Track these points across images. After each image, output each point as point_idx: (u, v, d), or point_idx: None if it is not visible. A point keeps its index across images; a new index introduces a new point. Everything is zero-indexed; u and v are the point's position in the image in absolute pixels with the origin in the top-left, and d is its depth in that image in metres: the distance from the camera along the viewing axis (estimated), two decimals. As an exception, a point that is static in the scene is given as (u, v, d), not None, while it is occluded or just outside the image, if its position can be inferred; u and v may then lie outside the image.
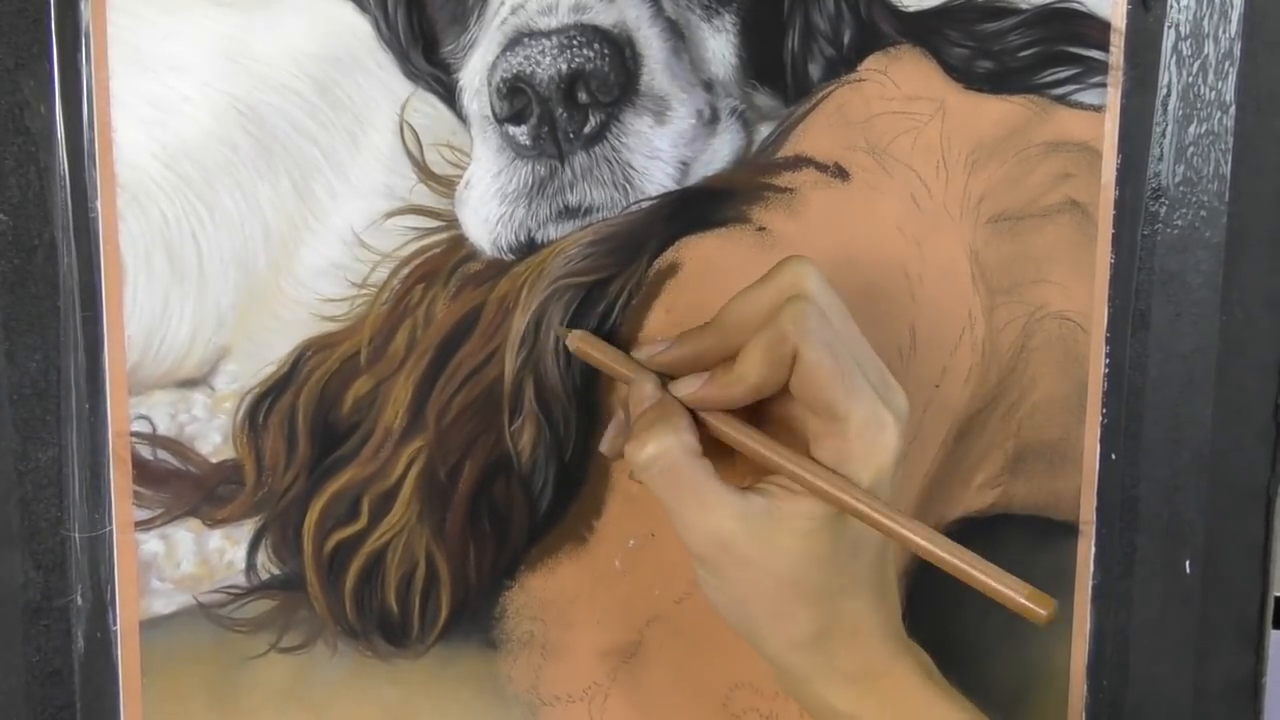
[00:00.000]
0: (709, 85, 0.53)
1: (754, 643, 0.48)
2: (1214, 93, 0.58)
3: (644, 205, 0.53)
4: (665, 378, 0.49)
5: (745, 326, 0.47)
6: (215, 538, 0.51)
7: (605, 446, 0.52)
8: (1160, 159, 0.58)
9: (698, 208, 0.54)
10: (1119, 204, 0.58)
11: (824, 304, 0.46)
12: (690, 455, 0.46)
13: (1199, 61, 0.58)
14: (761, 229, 0.55)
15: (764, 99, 0.54)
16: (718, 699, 0.57)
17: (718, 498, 0.46)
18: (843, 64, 0.54)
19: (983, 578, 0.45)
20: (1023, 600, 0.44)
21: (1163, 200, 0.59)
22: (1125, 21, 0.57)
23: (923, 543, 0.45)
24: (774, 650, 0.47)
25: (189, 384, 0.50)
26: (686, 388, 0.48)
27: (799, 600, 0.46)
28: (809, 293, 0.46)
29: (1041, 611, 0.43)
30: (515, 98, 0.50)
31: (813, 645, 0.47)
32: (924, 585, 0.58)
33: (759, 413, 0.48)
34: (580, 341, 0.51)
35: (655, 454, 0.46)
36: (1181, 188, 0.59)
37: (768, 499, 0.46)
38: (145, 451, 0.49)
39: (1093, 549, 0.60)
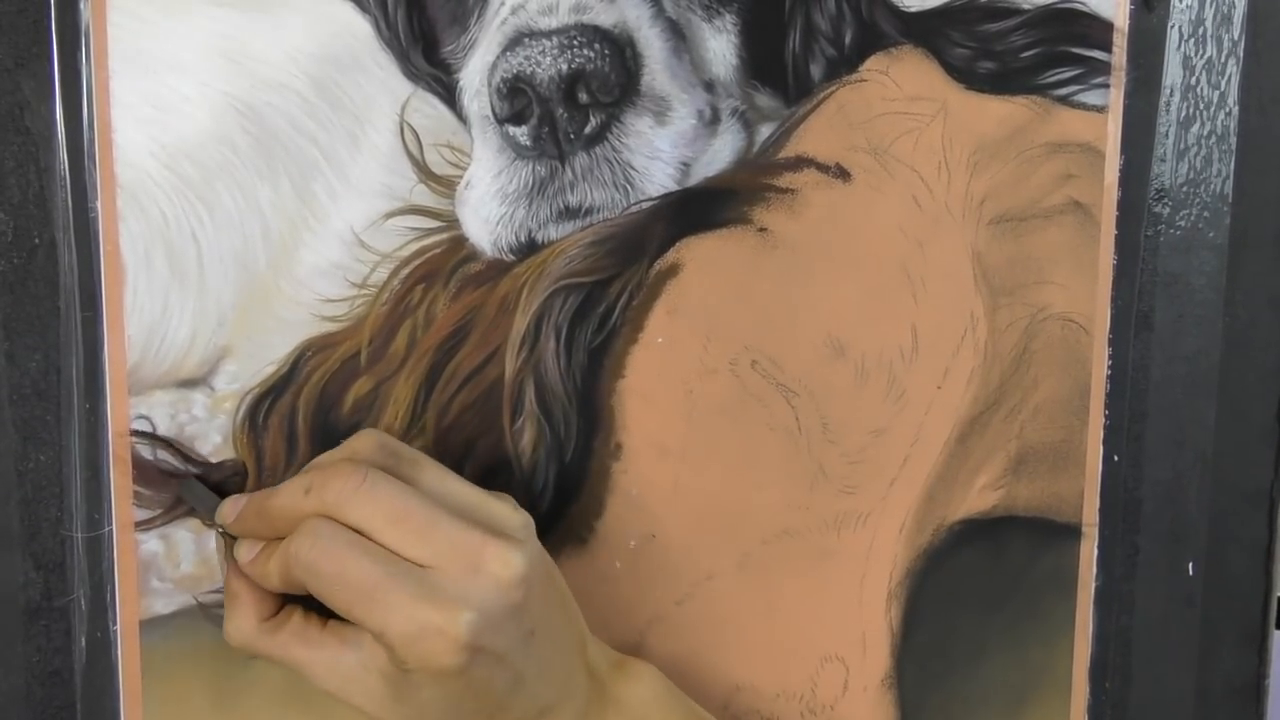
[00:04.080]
0: (710, 86, 0.53)
1: None
2: (1217, 93, 0.58)
3: (645, 206, 0.53)
4: None
5: (284, 523, 0.46)
6: (216, 538, 0.51)
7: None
8: (1163, 160, 0.58)
9: (699, 208, 0.54)
10: (1122, 205, 0.58)
11: (381, 493, 0.44)
12: (262, 637, 0.46)
13: (1202, 62, 0.58)
14: (763, 229, 0.55)
15: (765, 99, 0.54)
16: (718, 701, 0.57)
17: (309, 664, 0.46)
18: (844, 64, 0.54)
19: None
20: None
21: (1165, 201, 0.59)
22: (1128, 22, 0.57)
23: None
24: None
25: (189, 384, 0.50)
26: (243, 556, 0.47)
27: None
28: (358, 491, 0.44)
29: None
30: (515, 98, 0.50)
31: None
32: (925, 587, 0.58)
33: None
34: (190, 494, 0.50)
35: (233, 644, 0.47)
36: (1184, 188, 0.58)
37: (359, 651, 0.45)
38: (145, 452, 0.49)
39: (1095, 550, 0.60)
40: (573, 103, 0.51)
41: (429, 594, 0.43)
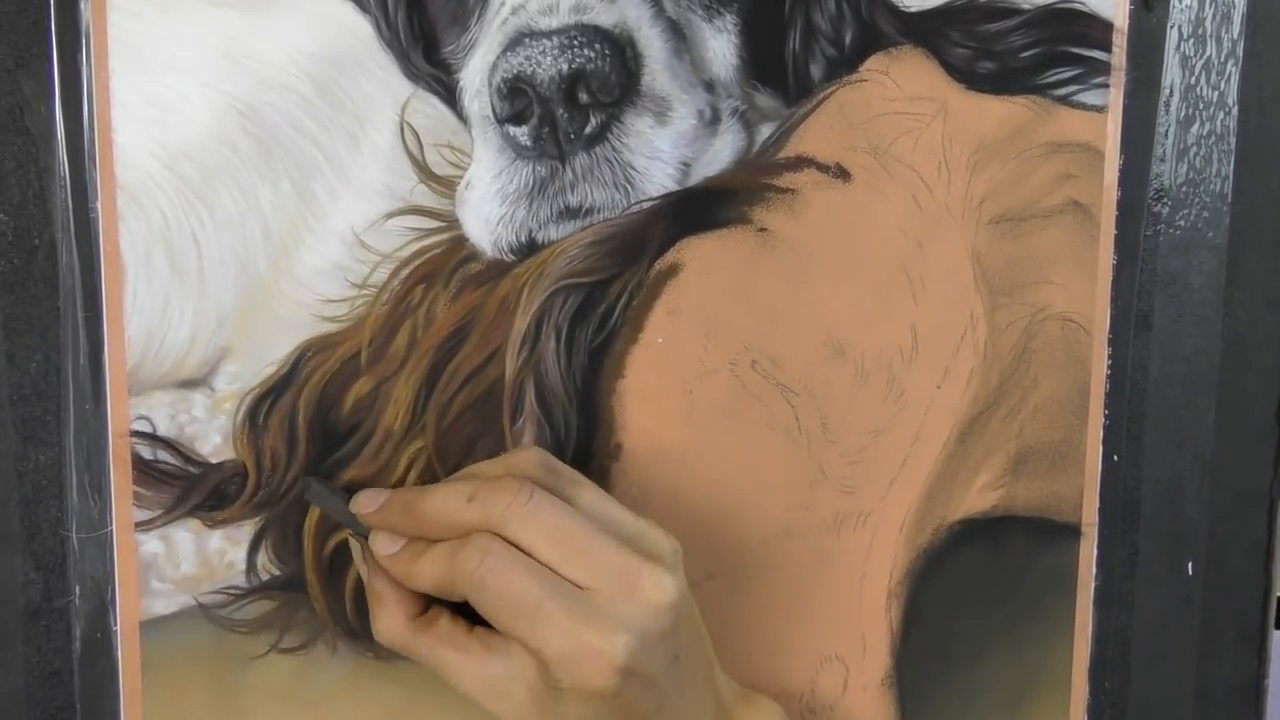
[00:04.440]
0: (710, 86, 0.53)
1: None
2: (1216, 93, 0.58)
3: (645, 206, 0.53)
4: None
5: (437, 527, 0.46)
6: (216, 538, 0.51)
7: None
8: (1162, 159, 0.58)
9: (699, 208, 0.54)
10: (1121, 205, 0.58)
11: (544, 515, 0.45)
12: (411, 634, 0.47)
13: (1201, 62, 0.58)
14: (763, 230, 0.54)
15: (765, 99, 0.54)
16: (718, 700, 0.57)
17: (454, 666, 0.46)
18: (844, 64, 0.54)
19: None
20: None
21: (1165, 201, 0.59)
22: (1127, 22, 0.57)
23: None
24: None
25: (189, 384, 0.50)
26: (381, 548, 0.47)
27: None
28: (521, 510, 0.45)
29: None
30: (516, 98, 0.50)
31: None
32: (924, 587, 0.58)
33: None
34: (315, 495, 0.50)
35: (382, 641, 0.47)
36: (1184, 188, 0.59)
37: (507, 661, 0.45)
38: (145, 452, 0.49)
39: (1095, 550, 0.60)
40: (573, 103, 0.51)
41: (588, 615, 0.44)
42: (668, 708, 0.46)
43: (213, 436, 0.50)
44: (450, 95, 0.51)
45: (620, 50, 0.50)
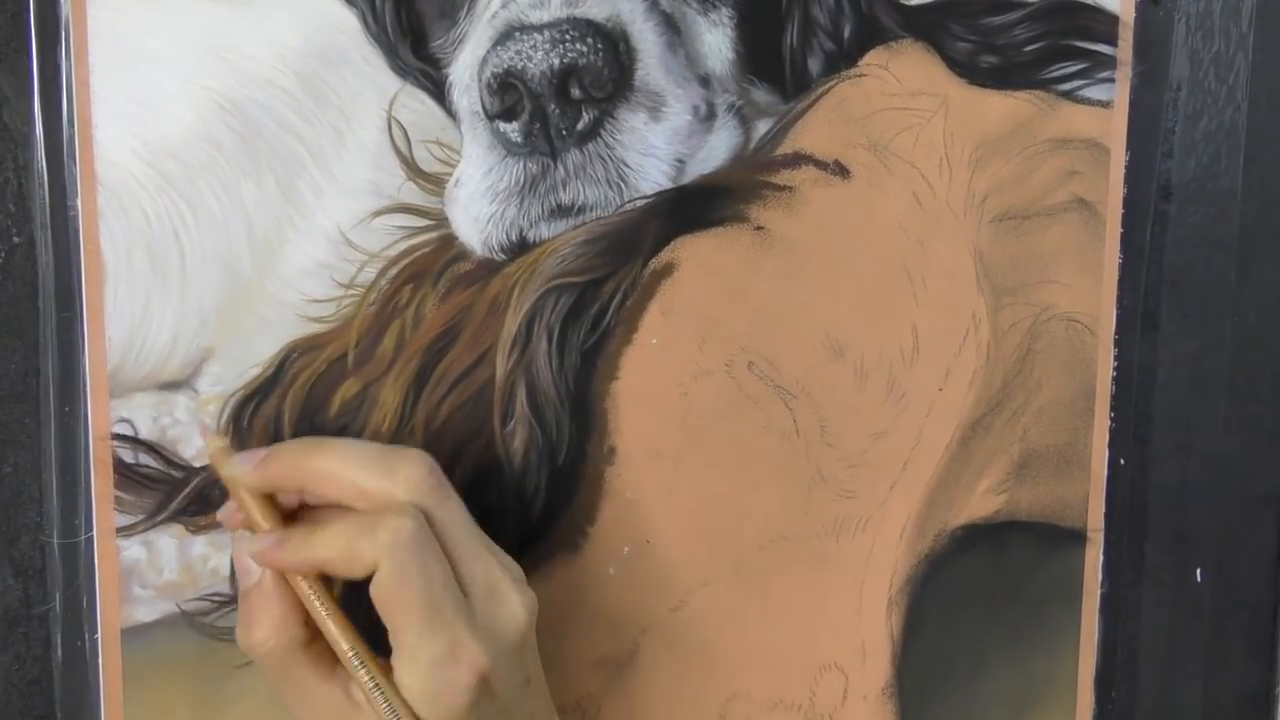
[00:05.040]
0: (705, 80, 0.53)
1: None
2: (1225, 87, 0.58)
3: (639, 204, 0.52)
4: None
5: (333, 488, 0.45)
6: (199, 544, 0.50)
7: (221, 515, 0.49)
8: (1170, 155, 0.58)
9: (694, 206, 0.53)
10: (1127, 202, 0.58)
11: (431, 510, 0.45)
12: (294, 650, 0.45)
13: (1209, 55, 0.58)
14: (760, 228, 0.54)
15: (762, 94, 0.54)
16: (713, 710, 0.57)
17: (319, 693, 0.45)
18: (843, 59, 0.54)
19: None
20: None
21: (1172, 198, 0.59)
22: (1134, 15, 0.57)
23: None
24: None
25: (171, 386, 0.49)
26: (256, 544, 0.45)
27: None
28: (412, 493, 0.44)
29: None
30: (506, 93, 0.50)
31: None
32: (926, 594, 0.58)
33: None
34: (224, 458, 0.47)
35: (261, 653, 0.45)
36: (1191, 185, 0.59)
37: (355, 702, 0.44)
38: (127, 455, 0.49)
39: (1101, 556, 0.60)
40: (565, 98, 0.50)
41: (468, 621, 0.44)
42: None
43: (196, 439, 0.50)
44: (439, 90, 0.51)
45: (613, 44, 0.50)
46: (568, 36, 0.50)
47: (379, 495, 0.45)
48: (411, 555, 0.43)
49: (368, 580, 0.44)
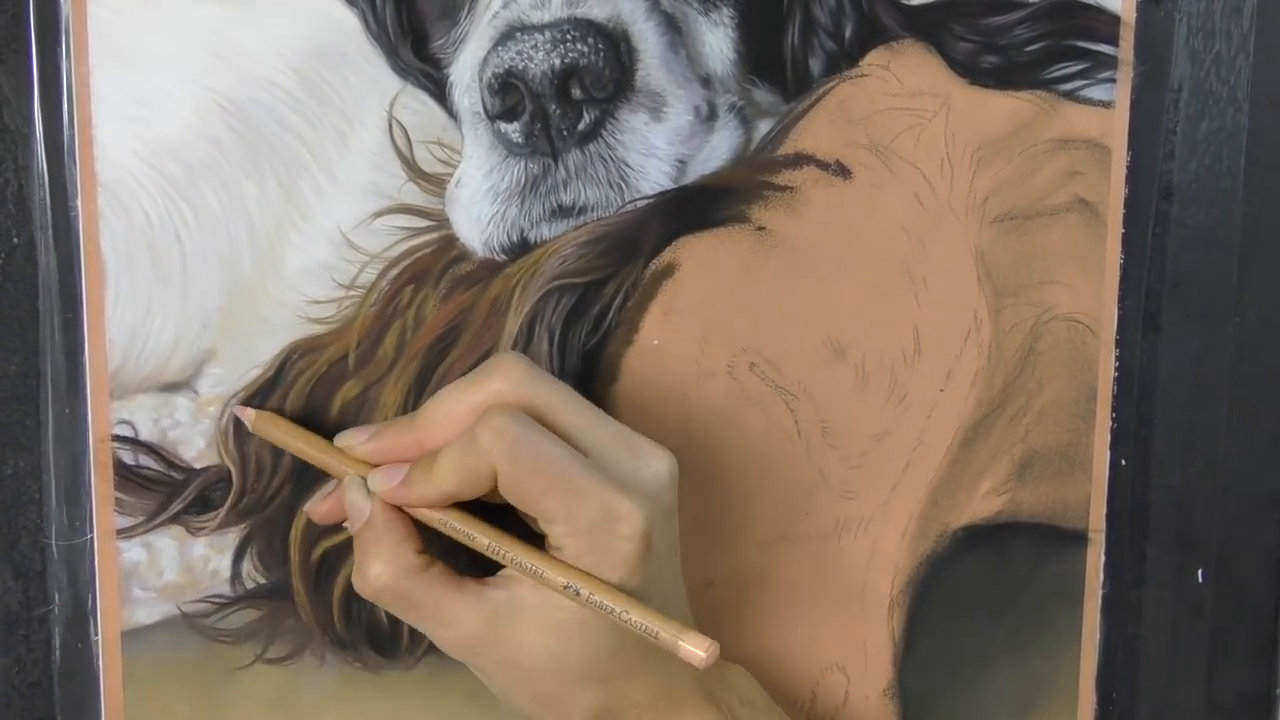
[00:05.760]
0: (706, 81, 0.52)
1: None
2: (1226, 88, 0.58)
3: (640, 204, 0.52)
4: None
5: (444, 428, 0.45)
6: (199, 546, 0.50)
7: (308, 507, 0.50)
8: (1171, 156, 0.58)
9: (695, 207, 0.53)
10: (1129, 202, 0.58)
11: (533, 401, 0.45)
12: (412, 576, 0.45)
13: (1211, 56, 0.58)
14: (761, 228, 0.54)
15: (763, 95, 0.54)
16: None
17: (455, 608, 0.45)
18: (844, 59, 0.54)
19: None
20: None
21: (1174, 198, 0.59)
22: (1135, 15, 0.57)
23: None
24: None
25: (172, 388, 0.49)
26: (383, 483, 0.46)
27: (566, 687, 0.45)
28: (511, 396, 0.45)
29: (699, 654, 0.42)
30: (507, 94, 0.50)
31: None
32: (927, 595, 0.58)
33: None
34: (266, 424, 0.49)
35: (378, 587, 0.45)
36: (1193, 185, 0.58)
37: (509, 592, 0.45)
38: (127, 457, 0.49)
39: (1102, 557, 0.60)
40: (566, 99, 0.50)
41: (604, 478, 0.44)
42: (667, 605, 0.45)
43: (196, 441, 0.50)
44: (440, 91, 0.50)
45: (614, 44, 0.50)
46: (569, 37, 0.49)
47: (481, 411, 0.45)
48: (520, 443, 0.43)
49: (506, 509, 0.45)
